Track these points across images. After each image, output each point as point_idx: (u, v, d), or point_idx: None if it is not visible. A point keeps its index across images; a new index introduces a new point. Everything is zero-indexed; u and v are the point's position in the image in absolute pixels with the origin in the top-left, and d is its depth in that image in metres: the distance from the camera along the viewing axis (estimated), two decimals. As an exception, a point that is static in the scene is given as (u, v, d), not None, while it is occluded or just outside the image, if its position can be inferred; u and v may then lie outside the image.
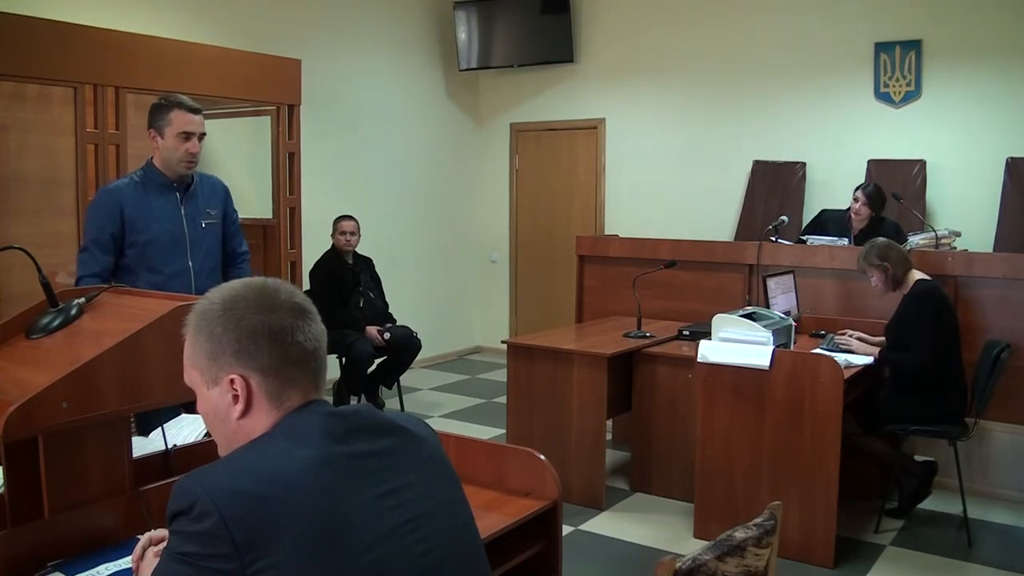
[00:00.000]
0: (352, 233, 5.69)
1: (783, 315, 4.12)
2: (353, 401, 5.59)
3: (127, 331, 1.63)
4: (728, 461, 3.71)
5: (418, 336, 5.71)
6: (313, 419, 1.25)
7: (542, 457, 2.07)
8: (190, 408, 1.74)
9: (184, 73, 4.65)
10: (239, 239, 3.53)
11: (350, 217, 5.72)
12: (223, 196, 3.47)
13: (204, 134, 3.25)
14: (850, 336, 4.19)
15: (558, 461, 2.44)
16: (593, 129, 7.57)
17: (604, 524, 4.03)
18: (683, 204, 7.01)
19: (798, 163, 6.51)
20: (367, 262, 5.89)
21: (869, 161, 6.19)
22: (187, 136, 3.17)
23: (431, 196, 7.73)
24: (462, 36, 7.64)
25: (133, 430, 2.38)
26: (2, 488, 1.67)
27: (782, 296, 4.46)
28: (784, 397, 3.57)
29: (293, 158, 5.37)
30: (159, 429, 2.01)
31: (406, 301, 6.58)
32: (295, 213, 5.42)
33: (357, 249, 5.79)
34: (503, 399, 4.93)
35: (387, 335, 5.56)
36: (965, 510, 3.82)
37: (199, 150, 3.23)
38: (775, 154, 6.61)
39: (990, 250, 5.51)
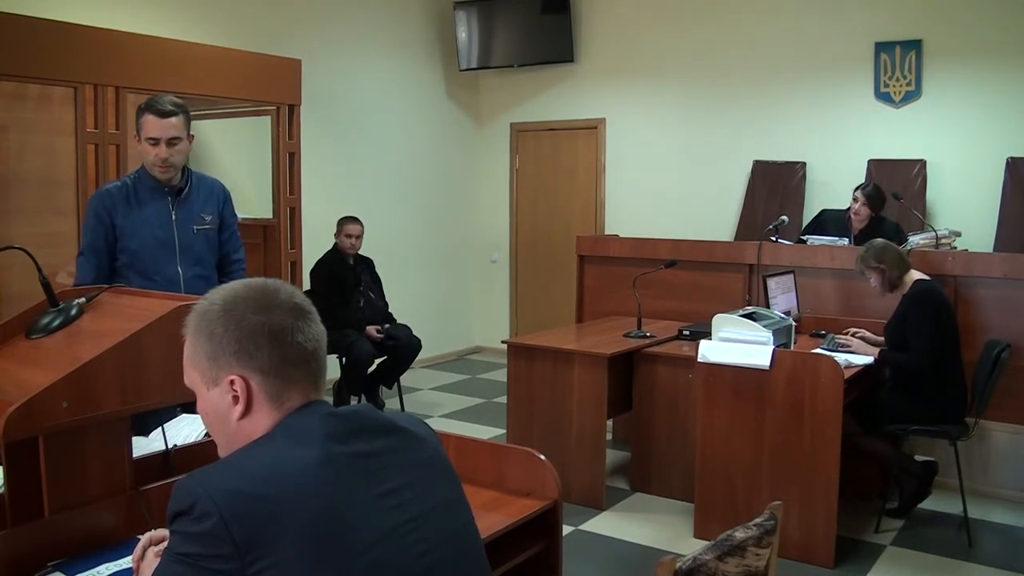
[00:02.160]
0: (357, 237, 5.68)
1: (783, 315, 4.12)
2: (353, 401, 5.59)
3: (127, 331, 1.63)
4: (728, 461, 3.71)
5: (417, 336, 5.72)
6: (313, 419, 1.25)
7: (542, 457, 2.07)
8: (189, 408, 1.74)
9: (184, 73, 4.66)
10: (235, 244, 3.42)
11: (356, 221, 5.70)
12: (221, 200, 3.36)
13: (177, 137, 3.09)
14: (853, 335, 4.19)
15: (558, 461, 2.44)
16: (593, 129, 7.57)
17: (604, 524, 4.03)
18: (683, 204, 7.01)
19: (798, 163, 6.51)
20: (367, 262, 5.89)
21: (869, 161, 6.19)
22: (154, 141, 3.07)
23: (431, 196, 7.73)
24: (462, 36, 7.64)
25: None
26: (2, 488, 1.67)
27: (782, 296, 4.46)
28: (784, 397, 3.56)
29: (293, 158, 5.37)
30: (159, 429, 2.01)
31: (406, 301, 6.58)
32: (295, 213, 5.41)
33: (357, 249, 5.80)
34: (503, 399, 4.94)
35: (383, 336, 5.57)
36: (965, 510, 3.82)
37: (168, 155, 3.09)
38: (775, 154, 6.61)
39: (990, 250, 5.51)
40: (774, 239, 5.12)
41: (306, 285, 5.53)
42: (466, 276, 8.23)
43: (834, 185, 6.25)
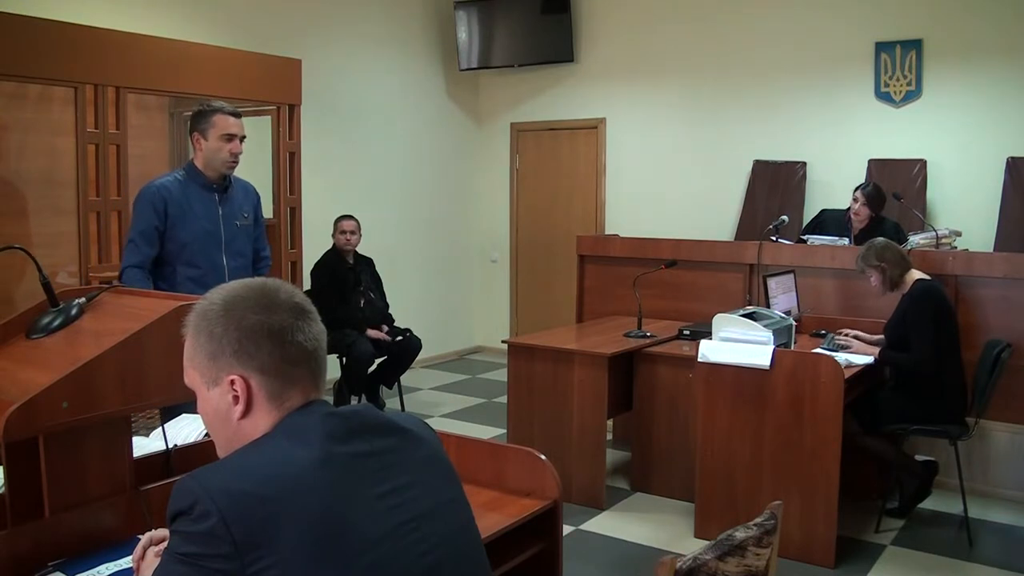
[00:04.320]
0: (352, 232, 5.69)
1: (784, 315, 4.11)
2: (354, 401, 5.59)
3: (127, 331, 1.63)
4: (729, 461, 3.71)
5: (417, 336, 5.73)
6: (314, 419, 1.25)
7: (542, 457, 2.07)
8: (190, 408, 1.74)
9: (184, 73, 4.65)
10: (263, 242, 3.72)
11: (350, 217, 5.73)
12: (255, 200, 3.67)
13: (244, 136, 3.43)
14: (848, 335, 4.20)
15: (558, 461, 2.44)
16: (593, 129, 7.57)
17: (605, 524, 4.03)
18: (684, 204, 7.01)
19: (798, 163, 6.51)
20: (368, 262, 5.89)
21: (869, 161, 6.19)
22: (230, 138, 3.37)
23: (432, 196, 7.73)
24: (462, 36, 7.64)
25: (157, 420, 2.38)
26: (2, 488, 1.67)
27: (783, 296, 4.46)
28: (784, 397, 3.56)
29: (293, 158, 5.38)
30: (159, 429, 2.01)
31: (407, 301, 6.58)
32: (296, 213, 5.42)
33: (358, 249, 5.80)
34: (503, 399, 4.93)
35: (390, 338, 5.59)
36: (966, 510, 3.82)
37: (241, 151, 3.42)
38: (775, 154, 6.61)
39: (990, 250, 5.50)
40: (774, 239, 5.12)
41: (306, 285, 5.53)
42: (466, 276, 8.23)
43: (834, 185, 6.25)
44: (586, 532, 3.94)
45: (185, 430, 2.24)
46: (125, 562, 1.58)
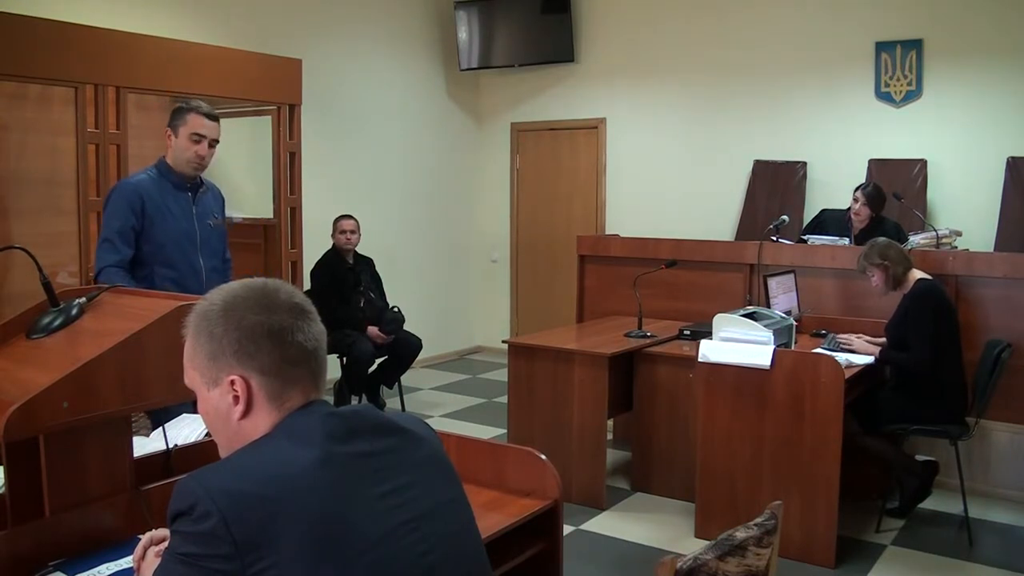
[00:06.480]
0: (352, 232, 5.69)
1: (784, 315, 4.12)
2: (354, 401, 5.59)
3: (127, 331, 1.63)
4: (729, 461, 3.71)
5: (418, 336, 5.73)
6: (314, 419, 1.25)
7: (543, 457, 2.07)
8: (191, 407, 1.74)
9: (184, 73, 4.65)
10: (225, 245, 3.65)
11: (349, 216, 5.74)
12: (222, 202, 3.60)
13: (217, 140, 3.35)
14: (853, 338, 4.19)
15: (559, 461, 2.44)
16: (593, 129, 7.57)
17: (605, 524, 4.03)
18: (684, 204, 7.01)
19: (799, 163, 6.51)
20: (368, 262, 5.90)
21: (870, 161, 6.19)
22: (198, 138, 3.30)
23: (432, 196, 7.73)
24: (463, 36, 7.64)
25: (148, 427, 2.38)
26: (2, 488, 1.67)
27: (783, 296, 4.46)
28: (785, 397, 3.56)
29: (294, 158, 5.37)
30: (160, 429, 2.01)
31: (407, 301, 6.56)
32: (296, 213, 5.41)
33: (357, 249, 5.80)
34: (504, 399, 4.93)
35: (391, 338, 5.59)
36: (966, 509, 3.82)
37: (207, 154, 3.34)
38: (776, 154, 6.61)
39: (991, 250, 5.51)
40: (775, 239, 5.12)
41: (306, 285, 5.53)
42: (466, 276, 8.23)
43: (834, 185, 6.25)
44: (586, 532, 3.94)
45: (185, 430, 2.24)
46: (125, 562, 1.58)
